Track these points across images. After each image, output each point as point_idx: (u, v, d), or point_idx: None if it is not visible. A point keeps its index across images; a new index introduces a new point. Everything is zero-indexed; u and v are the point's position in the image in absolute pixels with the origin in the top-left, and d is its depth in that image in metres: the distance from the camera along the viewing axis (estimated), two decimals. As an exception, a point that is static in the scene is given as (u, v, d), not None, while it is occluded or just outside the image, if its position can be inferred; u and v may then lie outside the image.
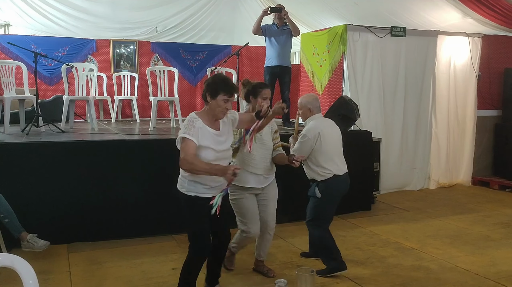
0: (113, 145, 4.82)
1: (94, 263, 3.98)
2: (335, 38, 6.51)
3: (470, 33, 7.20)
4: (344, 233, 4.84)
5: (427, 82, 6.98)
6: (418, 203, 6.26)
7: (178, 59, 8.95)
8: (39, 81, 6.06)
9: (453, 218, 5.48)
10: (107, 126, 6.84)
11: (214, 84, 2.89)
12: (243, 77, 8.14)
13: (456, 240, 4.67)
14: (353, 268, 3.89)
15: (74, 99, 6.24)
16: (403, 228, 5.08)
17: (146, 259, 4.04)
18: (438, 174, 7.24)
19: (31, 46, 7.64)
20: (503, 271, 3.84)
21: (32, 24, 8.37)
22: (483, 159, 7.65)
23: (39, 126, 5.59)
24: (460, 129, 7.38)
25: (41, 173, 4.32)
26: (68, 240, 4.38)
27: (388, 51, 6.67)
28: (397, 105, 6.78)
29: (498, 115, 7.67)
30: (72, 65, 6.03)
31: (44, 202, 4.31)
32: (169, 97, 6.66)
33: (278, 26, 6.09)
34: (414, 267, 3.94)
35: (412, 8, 7.04)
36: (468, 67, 7.27)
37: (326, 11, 8.05)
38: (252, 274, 3.77)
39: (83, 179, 4.45)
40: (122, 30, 8.83)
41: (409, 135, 6.91)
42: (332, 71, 6.61)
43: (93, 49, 8.45)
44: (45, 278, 3.60)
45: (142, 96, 8.46)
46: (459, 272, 3.82)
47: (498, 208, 6.01)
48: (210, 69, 6.68)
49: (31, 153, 4.36)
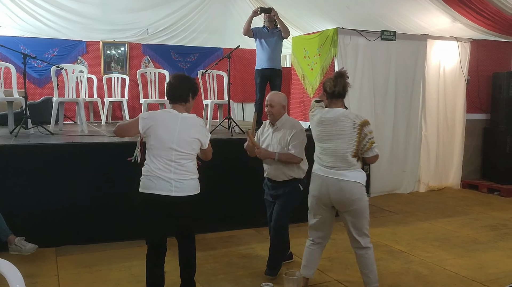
0: (103, 147, 4.79)
1: (83, 266, 3.95)
2: (326, 42, 6.54)
3: (459, 38, 7.28)
4: (334, 236, 4.81)
5: (417, 86, 7.04)
6: (407, 206, 6.30)
7: (169, 61, 8.92)
8: (28, 82, 6.01)
9: (442, 221, 5.52)
10: (97, 129, 6.80)
11: (195, 85, 3.20)
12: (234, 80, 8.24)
13: (444, 243, 4.71)
14: (343, 271, 3.90)
15: (63, 101, 6.20)
16: (393, 231, 5.11)
17: (136, 262, 4.01)
18: (428, 177, 7.30)
19: (20, 48, 7.57)
20: (490, 273, 3.88)
21: (21, 25, 8.30)
22: (472, 162, 7.72)
23: (28, 128, 5.54)
24: (449, 133, 7.45)
25: (29, 175, 4.28)
26: (57, 243, 4.35)
27: (379, 55, 6.72)
28: (388, 108, 6.82)
29: (486, 119, 7.75)
30: (62, 67, 5.99)
31: (32, 205, 4.27)
32: (159, 99, 6.64)
33: (268, 29, 6.11)
34: (403, 270, 3.96)
35: (402, 12, 7.10)
36: (457, 71, 7.35)
37: (317, 14, 8.09)
38: (242, 276, 3.76)
39: (72, 182, 4.42)
40: (112, 32, 8.78)
41: (399, 139, 6.95)
42: (323, 75, 6.63)
43: (83, 50, 8.40)
44: (32, 281, 3.56)
45: (133, 98, 8.42)
46: (447, 275, 3.85)
47: (486, 211, 6.07)
48: (201, 72, 6.66)
49: (19, 155, 4.32)
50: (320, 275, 3.83)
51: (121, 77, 8.37)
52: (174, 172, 2.98)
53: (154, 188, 2.99)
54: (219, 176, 4.78)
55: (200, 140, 3.09)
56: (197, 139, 3.07)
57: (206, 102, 6.53)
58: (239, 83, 9.03)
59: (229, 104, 6.22)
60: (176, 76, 3.19)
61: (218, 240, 4.67)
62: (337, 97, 3.17)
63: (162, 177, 2.97)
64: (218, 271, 3.89)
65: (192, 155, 3.08)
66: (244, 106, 9.43)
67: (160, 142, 2.99)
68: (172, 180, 2.97)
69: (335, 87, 3.12)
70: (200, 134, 3.09)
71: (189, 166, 3.05)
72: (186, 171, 3.02)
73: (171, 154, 2.98)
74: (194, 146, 3.07)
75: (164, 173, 2.97)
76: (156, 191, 2.98)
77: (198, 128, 3.10)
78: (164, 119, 3.03)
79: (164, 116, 3.06)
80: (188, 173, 3.03)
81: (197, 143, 3.08)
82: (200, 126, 3.12)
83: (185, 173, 3.02)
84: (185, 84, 3.11)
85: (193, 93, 3.13)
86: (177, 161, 2.99)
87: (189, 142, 3.03)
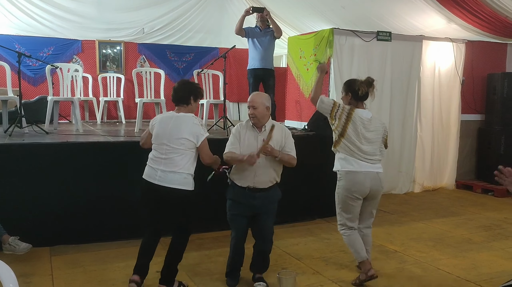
0: (98, 147, 4.78)
1: (77, 266, 3.93)
2: (322, 42, 6.54)
3: (454, 39, 7.31)
4: (329, 236, 4.86)
5: (412, 86, 7.06)
6: (402, 206, 6.32)
7: (164, 60, 8.91)
8: (23, 81, 5.98)
9: (436, 221, 5.54)
10: (92, 128, 6.78)
11: (198, 89, 3.53)
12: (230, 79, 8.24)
13: (439, 243, 4.73)
14: (337, 271, 3.92)
15: (58, 100, 6.18)
16: (387, 231, 5.13)
17: (131, 262, 3.98)
18: (423, 177, 7.32)
19: (15, 46, 7.54)
20: (484, 273, 3.90)
21: (16, 23, 8.25)
22: (467, 163, 7.76)
23: (22, 127, 5.50)
24: (444, 134, 7.47)
25: (23, 175, 4.26)
26: (51, 242, 4.33)
27: (374, 55, 6.73)
28: (383, 109, 6.84)
29: (481, 120, 7.79)
30: (57, 66, 5.97)
31: (27, 204, 4.25)
32: (155, 99, 6.63)
33: (261, 28, 6.11)
34: (397, 269, 3.97)
35: (397, 13, 7.12)
36: (452, 72, 7.38)
37: (313, 14, 8.09)
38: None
39: (66, 181, 4.40)
40: (108, 31, 8.76)
41: (395, 139, 6.96)
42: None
43: (79, 49, 8.37)
44: (26, 281, 3.55)
45: (128, 97, 8.40)
46: (441, 275, 3.87)
47: (480, 211, 6.10)
48: (197, 71, 6.66)
49: (14, 154, 4.30)
50: (315, 275, 3.83)
51: (116, 77, 8.35)
52: (164, 163, 3.31)
53: (145, 175, 3.41)
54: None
55: (190, 137, 3.31)
56: (186, 137, 3.31)
57: (201, 102, 6.53)
58: (235, 83, 9.03)
59: (225, 104, 6.22)
60: (179, 81, 3.61)
61: (214, 240, 4.66)
62: (363, 100, 3.75)
63: (152, 166, 3.36)
64: (213, 271, 3.89)
65: (182, 150, 3.31)
66: (240, 106, 9.43)
67: (156, 138, 3.39)
68: (158, 170, 3.32)
69: (365, 91, 3.69)
70: (190, 132, 3.32)
71: (179, 160, 3.30)
72: (174, 164, 3.29)
73: (163, 148, 3.33)
74: (183, 142, 3.31)
75: (155, 164, 3.35)
76: (146, 177, 3.40)
77: (189, 126, 3.34)
78: (162, 119, 3.45)
79: (163, 117, 3.49)
80: (176, 166, 3.29)
81: (186, 139, 3.31)
82: (192, 124, 3.35)
83: (173, 166, 3.29)
84: (186, 88, 3.46)
85: (194, 96, 3.45)
86: (168, 155, 3.31)
87: (178, 139, 3.30)
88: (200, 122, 3.40)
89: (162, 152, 3.32)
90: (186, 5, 9.01)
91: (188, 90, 3.44)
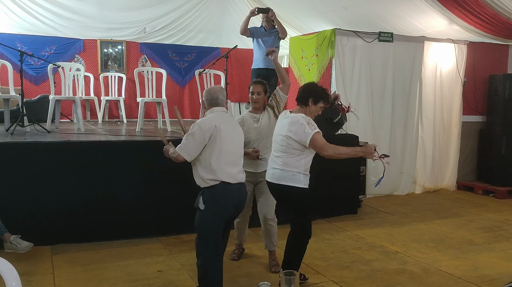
0: (99, 146, 4.78)
1: (79, 265, 3.94)
2: (324, 42, 6.55)
3: (456, 40, 7.31)
4: (330, 237, 4.86)
5: (414, 87, 7.06)
6: (403, 207, 6.32)
7: (166, 60, 8.91)
8: (24, 80, 5.99)
9: (437, 222, 5.54)
10: (93, 127, 6.78)
11: (319, 93, 3.47)
12: (232, 79, 8.24)
13: (440, 244, 4.73)
14: (338, 271, 3.91)
15: (60, 99, 6.18)
16: (389, 232, 5.13)
17: (132, 261, 4.01)
18: (424, 179, 7.32)
19: (17, 45, 7.54)
20: (485, 275, 3.90)
21: (18, 22, 8.26)
22: (468, 164, 7.75)
23: (24, 126, 5.51)
24: (445, 135, 7.47)
25: (25, 174, 4.27)
26: (52, 241, 4.33)
27: (376, 56, 6.73)
28: (385, 110, 6.84)
29: (482, 121, 7.78)
30: (59, 65, 5.97)
31: (28, 203, 4.26)
32: (156, 98, 6.63)
33: (266, 28, 6.11)
34: (399, 270, 3.97)
35: (399, 14, 7.12)
36: (454, 73, 7.37)
37: (315, 15, 8.09)
38: (238, 276, 3.77)
39: (68, 180, 4.40)
40: (110, 30, 8.76)
41: (396, 140, 6.97)
42: (320, 75, 6.65)
43: (80, 49, 8.38)
44: (28, 279, 3.55)
45: (130, 97, 8.41)
46: (442, 276, 3.86)
47: (481, 212, 6.10)
48: (198, 71, 6.66)
49: (15, 153, 4.30)
50: (316, 275, 3.83)
51: (118, 76, 8.36)
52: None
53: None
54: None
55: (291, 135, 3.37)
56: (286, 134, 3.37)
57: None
58: (237, 83, 9.02)
59: (227, 104, 6.21)
60: (305, 83, 3.72)
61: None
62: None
63: None
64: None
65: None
66: (241, 106, 9.42)
67: None
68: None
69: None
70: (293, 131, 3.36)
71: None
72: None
73: None
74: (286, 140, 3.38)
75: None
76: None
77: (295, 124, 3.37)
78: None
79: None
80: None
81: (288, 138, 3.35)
82: (298, 124, 3.35)
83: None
84: (307, 89, 3.51)
85: (314, 98, 3.42)
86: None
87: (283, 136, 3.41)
88: (302, 121, 3.35)
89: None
90: (188, 4, 9.01)
91: (308, 92, 3.47)
